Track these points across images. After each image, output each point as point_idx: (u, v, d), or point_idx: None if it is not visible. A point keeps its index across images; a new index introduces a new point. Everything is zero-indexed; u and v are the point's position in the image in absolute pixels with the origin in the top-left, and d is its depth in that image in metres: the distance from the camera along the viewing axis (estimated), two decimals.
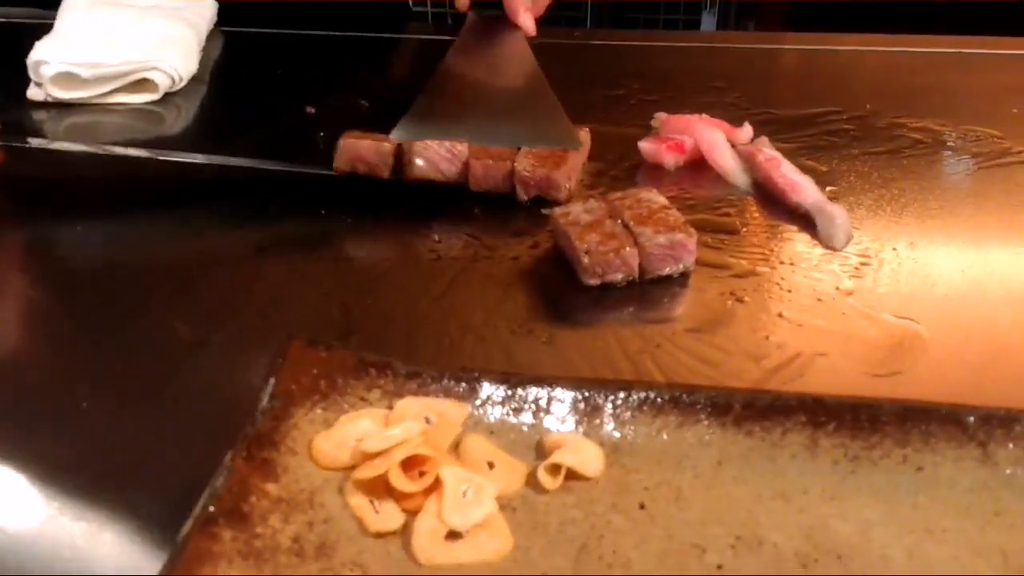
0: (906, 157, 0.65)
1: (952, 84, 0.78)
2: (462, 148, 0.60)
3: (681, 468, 0.38)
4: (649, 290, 0.52)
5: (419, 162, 0.60)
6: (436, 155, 0.60)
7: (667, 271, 0.52)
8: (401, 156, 0.61)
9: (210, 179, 0.64)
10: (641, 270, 0.52)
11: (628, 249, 0.51)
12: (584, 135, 0.64)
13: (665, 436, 0.39)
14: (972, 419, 0.37)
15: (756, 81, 0.79)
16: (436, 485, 0.36)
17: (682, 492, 0.36)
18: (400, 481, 0.35)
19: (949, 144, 0.67)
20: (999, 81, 0.78)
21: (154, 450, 0.41)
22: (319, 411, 0.39)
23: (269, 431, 0.37)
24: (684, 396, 0.39)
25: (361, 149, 0.60)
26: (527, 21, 0.69)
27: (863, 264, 0.54)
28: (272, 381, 0.38)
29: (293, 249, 0.56)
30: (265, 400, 0.37)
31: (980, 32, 0.88)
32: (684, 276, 0.53)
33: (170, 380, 0.45)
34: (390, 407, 0.39)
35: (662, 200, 0.55)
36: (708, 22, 2.24)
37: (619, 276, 0.52)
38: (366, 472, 0.36)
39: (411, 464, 0.36)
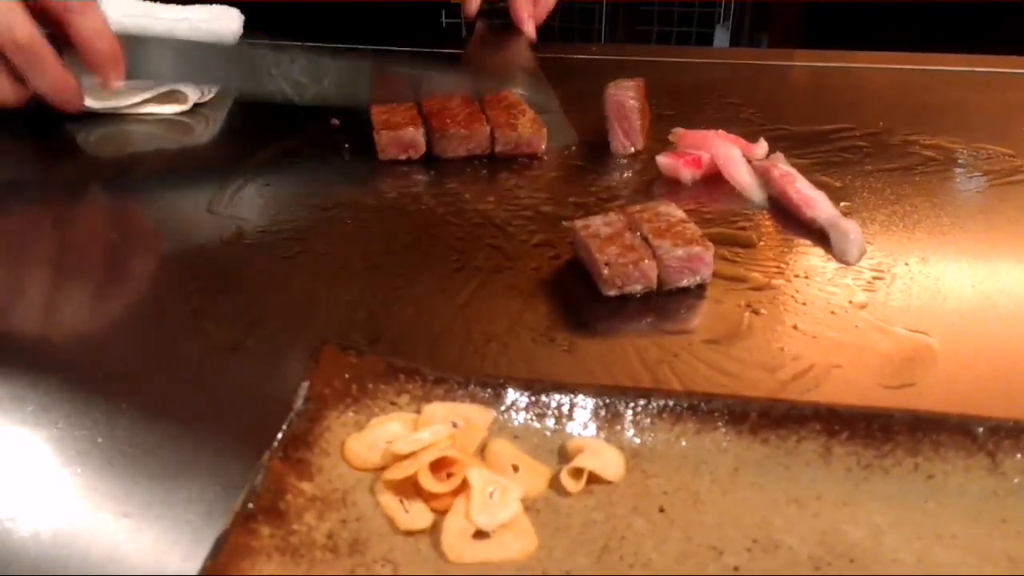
0: (918, 174, 0.67)
1: (964, 102, 0.79)
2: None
3: (699, 473, 0.39)
4: (667, 301, 0.53)
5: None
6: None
7: (684, 283, 0.54)
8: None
9: (238, 187, 0.66)
10: (659, 281, 0.53)
11: (647, 261, 0.53)
12: (639, 86, 0.72)
13: (684, 442, 0.40)
14: (981, 430, 0.39)
15: (771, 97, 0.81)
16: (463, 486, 0.37)
17: (700, 496, 0.38)
18: (429, 482, 0.37)
19: (961, 161, 0.69)
20: (1010, 100, 0.79)
21: (190, 450, 0.42)
22: (351, 414, 0.40)
23: (304, 432, 0.38)
24: (702, 404, 0.41)
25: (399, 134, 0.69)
26: (530, 27, 0.76)
27: (876, 278, 0.55)
28: (306, 384, 0.40)
29: (320, 257, 0.58)
30: (300, 403, 0.39)
31: (991, 50, 0.90)
32: (701, 288, 0.54)
33: (204, 382, 0.46)
34: (418, 411, 0.41)
35: (680, 214, 0.56)
36: (722, 36, 2.26)
37: (638, 287, 0.53)
38: (396, 473, 0.37)
39: (439, 466, 0.38)
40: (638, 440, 0.40)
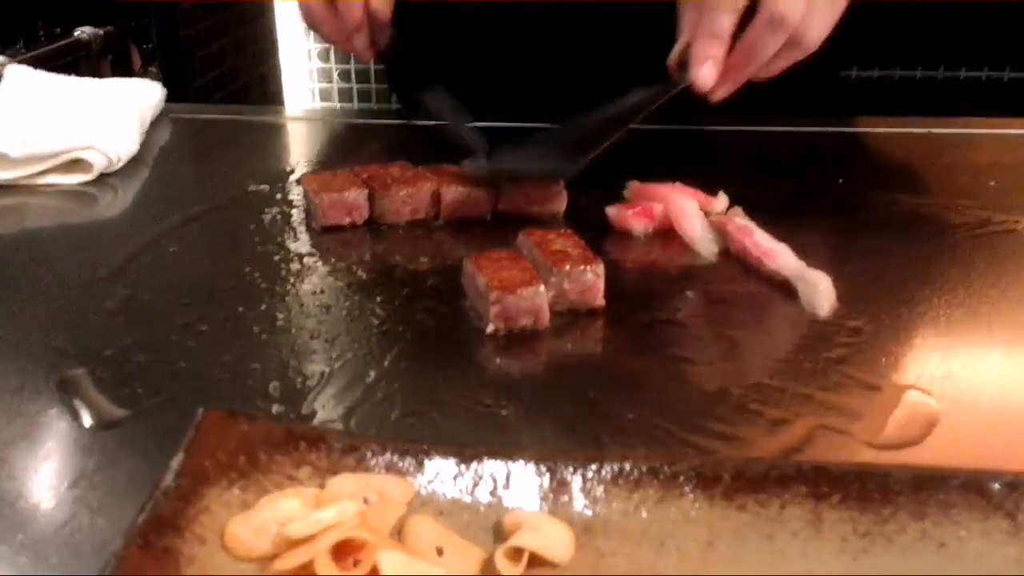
0: (888, 228, 0.62)
1: (925, 162, 0.76)
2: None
3: (664, 550, 0.32)
4: (615, 361, 0.47)
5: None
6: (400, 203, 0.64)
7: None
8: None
9: (138, 254, 0.59)
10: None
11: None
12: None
13: (644, 513, 0.33)
14: (997, 486, 0.33)
15: (732, 156, 0.77)
16: (373, 574, 0.30)
17: None
18: (328, 569, 0.29)
19: (931, 215, 0.64)
20: (973, 159, 0.76)
21: (45, 540, 0.34)
22: (236, 491, 0.33)
23: (173, 515, 0.31)
24: (665, 467, 0.34)
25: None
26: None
27: (849, 332, 0.49)
28: (179, 457, 0.32)
29: (223, 322, 0.51)
30: (170, 479, 0.32)
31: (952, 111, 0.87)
32: (672, 345, 0.48)
33: (72, 464, 0.39)
34: (322, 486, 0.34)
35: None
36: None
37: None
38: (288, 561, 0.30)
39: (345, 551, 0.30)
40: (589, 512, 0.33)
